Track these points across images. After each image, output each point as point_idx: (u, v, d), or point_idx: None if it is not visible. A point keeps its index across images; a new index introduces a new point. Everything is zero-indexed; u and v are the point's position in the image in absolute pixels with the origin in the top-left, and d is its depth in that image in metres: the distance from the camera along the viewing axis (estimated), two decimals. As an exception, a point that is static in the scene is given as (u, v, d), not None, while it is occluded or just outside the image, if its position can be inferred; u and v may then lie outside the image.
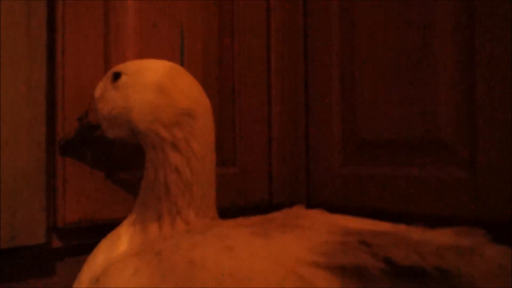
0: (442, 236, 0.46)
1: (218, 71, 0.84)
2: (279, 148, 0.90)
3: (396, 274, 0.39)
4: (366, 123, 0.82)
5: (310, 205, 0.67)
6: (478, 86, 0.69)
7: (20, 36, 0.66)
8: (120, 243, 0.57)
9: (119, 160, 0.74)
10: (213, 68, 0.83)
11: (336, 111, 0.87)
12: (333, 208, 0.59)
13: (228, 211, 0.62)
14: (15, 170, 0.65)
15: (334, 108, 0.87)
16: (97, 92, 0.62)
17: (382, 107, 0.80)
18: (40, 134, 0.68)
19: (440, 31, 0.73)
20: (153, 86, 0.57)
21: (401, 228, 0.49)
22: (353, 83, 0.85)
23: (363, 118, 0.83)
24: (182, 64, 0.77)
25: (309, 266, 0.40)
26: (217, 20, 0.84)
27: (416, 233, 0.47)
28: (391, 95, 0.78)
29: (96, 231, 0.64)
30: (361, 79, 0.83)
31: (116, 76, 0.59)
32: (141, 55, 0.74)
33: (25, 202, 0.66)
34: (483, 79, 0.68)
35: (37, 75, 0.68)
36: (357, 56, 0.84)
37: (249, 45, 0.88)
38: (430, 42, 0.74)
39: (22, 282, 0.71)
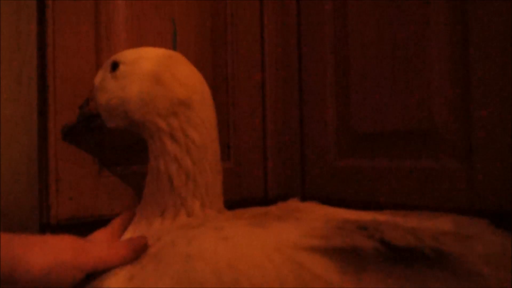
0: (441, 224, 0.46)
1: (211, 64, 0.83)
2: (273, 141, 0.89)
3: (392, 255, 0.38)
4: (361, 115, 0.82)
5: (305, 199, 0.67)
6: (473, 76, 0.68)
7: (10, 31, 0.65)
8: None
9: (112, 156, 0.73)
10: (207, 61, 0.82)
11: (331, 104, 0.86)
12: (328, 201, 0.59)
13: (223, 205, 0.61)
14: (7, 166, 0.65)
15: (328, 100, 0.87)
16: (97, 80, 0.61)
17: (376, 100, 0.79)
18: (31, 130, 0.67)
19: (434, 23, 0.73)
20: (149, 75, 0.56)
21: (400, 214, 0.49)
22: (347, 75, 0.84)
23: (358, 111, 0.82)
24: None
25: (306, 251, 0.40)
26: (210, 12, 0.84)
27: (414, 220, 0.46)
28: (386, 87, 0.78)
29: (89, 227, 0.63)
30: (355, 72, 0.83)
31: (115, 65, 0.58)
32: (132, 48, 0.73)
33: (17, 199, 0.65)
34: (478, 69, 0.68)
35: (27, 71, 0.67)
36: (351, 49, 0.84)
37: (243, 37, 0.87)
38: (424, 33, 0.74)
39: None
